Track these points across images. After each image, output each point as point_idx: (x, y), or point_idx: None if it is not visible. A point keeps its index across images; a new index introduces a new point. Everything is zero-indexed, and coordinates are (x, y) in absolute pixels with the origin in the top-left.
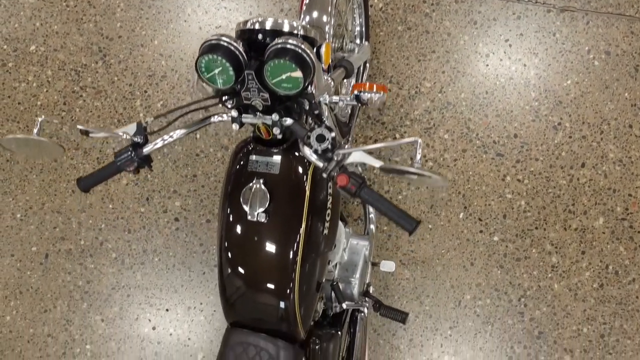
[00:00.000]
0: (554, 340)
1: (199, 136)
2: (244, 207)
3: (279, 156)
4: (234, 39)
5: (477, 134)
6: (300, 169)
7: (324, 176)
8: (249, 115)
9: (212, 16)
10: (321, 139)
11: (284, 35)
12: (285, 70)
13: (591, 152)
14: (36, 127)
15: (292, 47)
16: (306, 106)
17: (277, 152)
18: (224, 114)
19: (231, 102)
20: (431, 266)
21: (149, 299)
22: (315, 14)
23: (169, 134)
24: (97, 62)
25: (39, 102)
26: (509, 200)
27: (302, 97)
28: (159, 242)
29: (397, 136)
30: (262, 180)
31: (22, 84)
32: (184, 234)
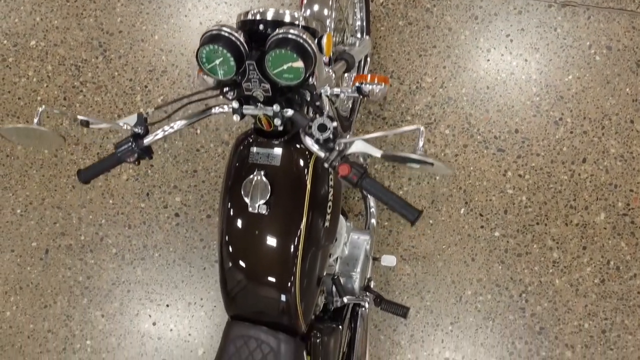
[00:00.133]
0: (555, 335)
1: (199, 131)
2: (244, 199)
3: (280, 148)
4: (235, 30)
5: (478, 129)
6: (301, 161)
7: (326, 166)
8: (250, 106)
9: (213, 11)
10: (323, 128)
11: (285, 25)
12: (286, 60)
13: (592, 147)
14: (36, 117)
15: (294, 37)
16: (307, 97)
17: (278, 144)
18: (225, 106)
19: (232, 93)
20: (432, 262)
21: (150, 295)
22: (316, 7)
23: (169, 125)
24: (97, 57)
25: (39, 97)
26: (510, 195)
27: (303, 88)
28: (159, 238)
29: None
30: (263, 172)
31: (22, 79)
32: (184, 230)
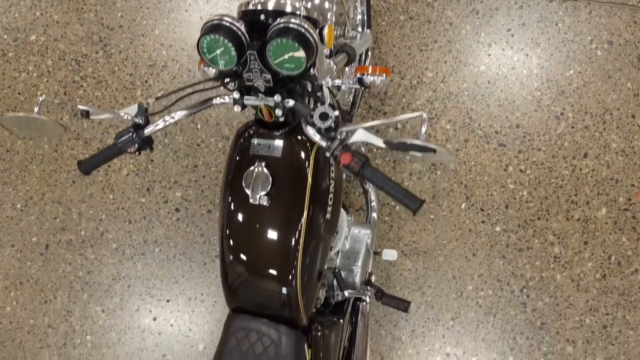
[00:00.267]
0: (556, 331)
1: (199, 126)
2: (245, 190)
3: (281, 139)
4: (236, 20)
5: (479, 124)
6: (302, 152)
7: (327, 155)
8: (251, 97)
9: (214, 5)
10: (324, 117)
11: (286, 15)
12: (287, 49)
13: (594, 142)
14: (37, 107)
15: (295, 26)
16: (308, 88)
17: (279, 135)
18: (226, 96)
19: (233, 84)
20: (433, 257)
21: (150, 290)
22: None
23: (170, 115)
24: (97, 52)
25: (39, 92)
26: (511, 190)
27: (305, 79)
28: (159, 233)
29: (399, 127)
30: (264, 163)
31: (22, 73)
32: (184, 225)
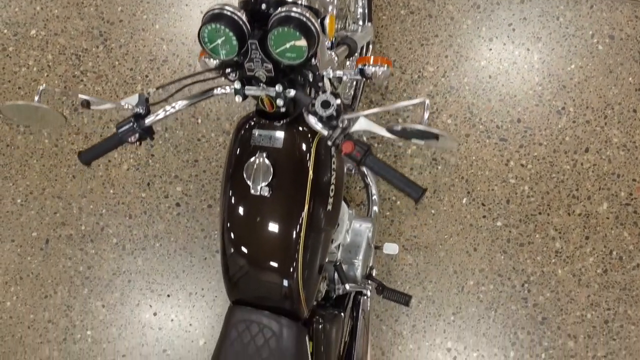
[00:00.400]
0: (557, 326)
1: (200, 121)
2: (246, 181)
3: (282, 130)
4: (237, 9)
5: (480, 119)
6: (304, 143)
7: (329, 144)
8: (252, 87)
9: (214, 0)
10: (326, 105)
11: (287, 4)
12: (289, 38)
13: (595, 136)
14: (37, 95)
15: (297, 15)
16: (310, 78)
17: (280, 126)
18: (227, 86)
19: (234, 74)
20: (434, 252)
21: (150, 285)
22: None
23: (171, 105)
24: (98, 47)
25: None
26: (513, 185)
27: (306, 69)
28: (160, 228)
29: (400, 120)
30: (265, 154)
31: (22, 68)
32: (185, 219)
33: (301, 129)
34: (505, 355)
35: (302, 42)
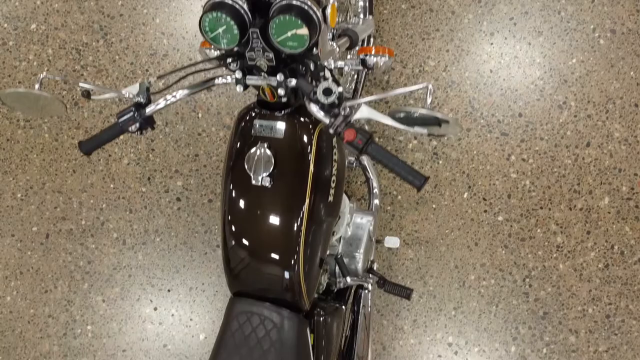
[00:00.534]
0: (558, 320)
1: (200, 115)
2: (247, 172)
3: (283, 120)
4: None
5: (481, 113)
6: (305, 134)
7: (331, 132)
8: (254, 76)
9: None
10: (328, 92)
11: None
12: (290, 27)
13: (596, 131)
14: (37, 83)
15: (298, 3)
16: (311, 67)
17: (281, 117)
18: (228, 76)
19: (235, 64)
20: (435, 246)
21: (151, 280)
22: None
23: (172, 94)
24: (98, 41)
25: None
26: (514, 179)
27: (308, 58)
28: (160, 222)
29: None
30: (266, 144)
31: (22, 62)
32: (185, 214)
33: (302, 119)
34: (506, 350)
35: (304, 31)
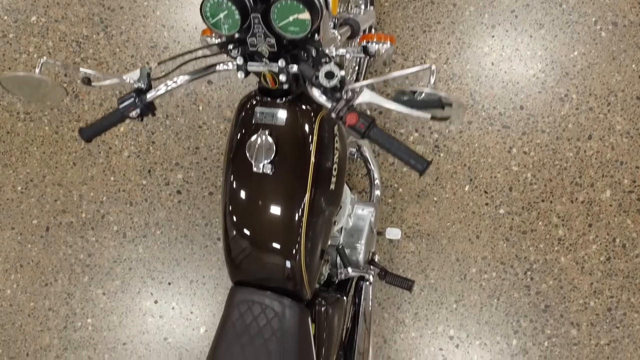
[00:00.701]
0: (560, 314)
1: (201, 108)
2: (249, 159)
3: (285, 108)
4: None
5: (482, 106)
6: (306, 121)
7: (333, 116)
8: (255, 62)
9: None
10: (330, 75)
11: None
12: (292, 11)
13: (598, 124)
14: (38, 67)
15: None
16: (313, 53)
17: (282, 104)
18: (229, 63)
19: (236, 50)
20: (436, 239)
21: (151, 273)
22: None
23: (172, 80)
24: (98, 33)
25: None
26: (515, 172)
27: (309, 44)
28: (161, 215)
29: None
30: (267, 131)
31: (22, 55)
32: (186, 207)
33: (304, 107)
34: (507, 343)
35: (305, 15)
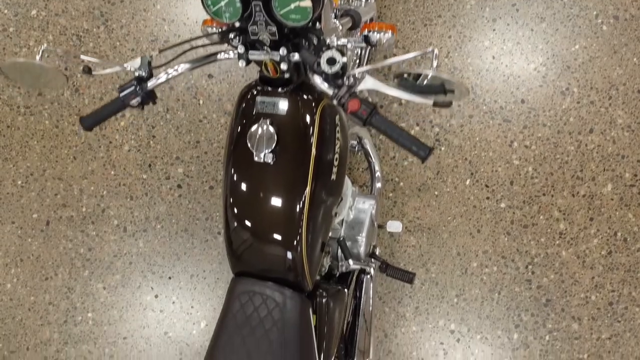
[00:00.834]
0: (561, 308)
1: (202, 102)
2: (250, 149)
3: (286, 97)
4: None
5: (483, 100)
6: (308, 110)
7: (335, 103)
8: (256, 51)
9: None
10: (332, 61)
11: None
12: None
13: (599, 117)
14: (38, 54)
15: None
16: (314, 42)
17: (283, 93)
18: (230, 51)
19: (237, 39)
20: (437, 233)
21: (151, 267)
22: None
23: (173, 68)
24: (98, 27)
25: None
26: (516, 166)
27: (311, 33)
28: (161, 209)
29: (403, 102)
30: (269, 120)
31: (23, 49)
32: (186, 201)
33: (305, 96)
34: (509, 337)
35: (307, 3)
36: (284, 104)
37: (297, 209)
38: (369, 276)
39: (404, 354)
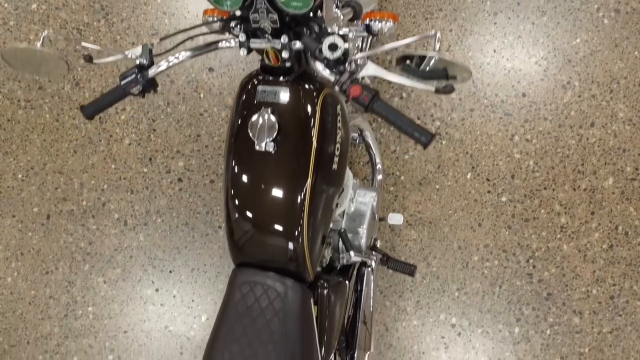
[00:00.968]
0: (562, 301)
1: (202, 95)
2: (251, 138)
3: (287, 86)
4: None
5: (484, 93)
6: (309, 99)
7: (337, 89)
8: (258, 39)
9: None
10: (334, 47)
11: None
12: None
13: (601, 111)
14: (39, 41)
15: None
16: (315, 30)
17: (285, 82)
18: (232, 40)
19: (238, 28)
20: (438, 227)
21: (152, 261)
22: None
23: (174, 56)
24: (99, 21)
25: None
26: (518, 160)
27: (312, 21)
28: (162, 203)
29: (404, 95)
30: (270, 109)
31: (23, 42)
32: (187, 195)
33: (307, 85)
34: (510, 331)
35: None
36: (285, 93)
37: (299, 199)
38: (370, 269)
39: (405, 348)
